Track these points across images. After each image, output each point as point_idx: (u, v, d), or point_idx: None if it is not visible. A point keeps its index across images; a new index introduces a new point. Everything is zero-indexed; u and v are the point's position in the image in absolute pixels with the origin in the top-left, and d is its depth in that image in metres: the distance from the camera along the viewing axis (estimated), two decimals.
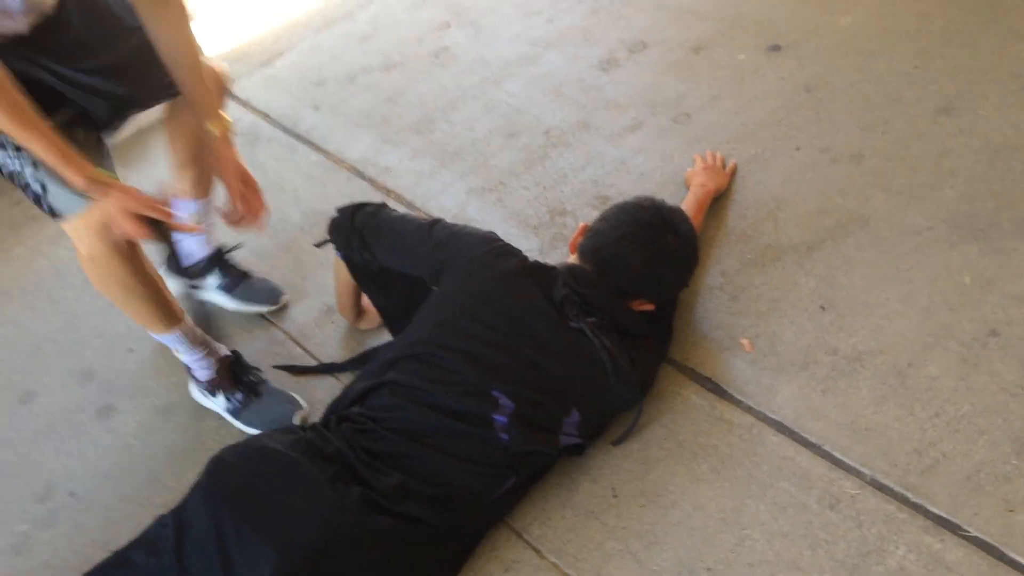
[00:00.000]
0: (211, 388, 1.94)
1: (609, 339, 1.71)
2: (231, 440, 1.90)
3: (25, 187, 1.58)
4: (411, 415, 1.65)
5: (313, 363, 2.09)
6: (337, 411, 1.74)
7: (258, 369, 2.00)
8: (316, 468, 1.56)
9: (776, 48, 2.72)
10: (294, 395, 1.96)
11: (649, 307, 1.84)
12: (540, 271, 1.78)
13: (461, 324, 1.71)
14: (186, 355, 1.92)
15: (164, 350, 2.16)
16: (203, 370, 1.94)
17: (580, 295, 1.73)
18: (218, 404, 1.95)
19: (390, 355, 1.76)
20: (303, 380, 2.04)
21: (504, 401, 1.65)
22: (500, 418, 1.64)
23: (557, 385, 1.69)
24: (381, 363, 1.77)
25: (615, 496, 1.70)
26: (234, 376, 1.94)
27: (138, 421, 2.03)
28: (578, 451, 1.75)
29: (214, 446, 1.89)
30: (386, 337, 2.06)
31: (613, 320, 1.75)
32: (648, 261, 1.79)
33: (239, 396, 1.93)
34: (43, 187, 1.57)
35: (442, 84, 2.94)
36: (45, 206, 1.59)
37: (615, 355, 1.70)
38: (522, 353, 1.68)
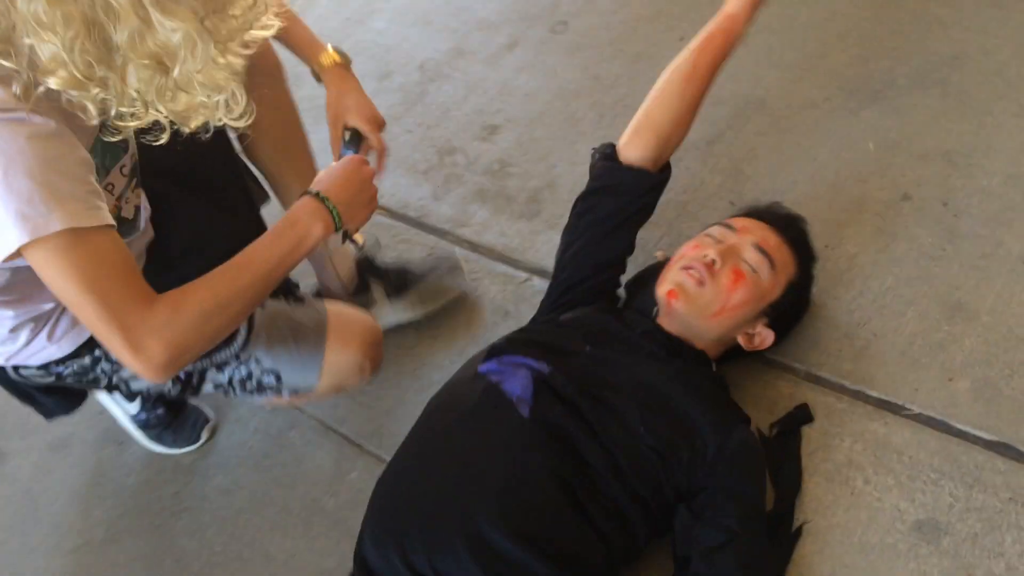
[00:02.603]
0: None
1: None
2: (137, 467, 1.78)
3: (258, 388, 1.47)
4: None
5: None
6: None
7: None
8: None
9: None
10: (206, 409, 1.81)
11: None
12: None
13: None
14: None
15: None
16: None
17: None
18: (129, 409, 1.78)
19: None
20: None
21: None
22: None
23: None
24: None
25: None
26: None
27: (33, 463, 1.87)
28: None
29: (116, 476, 1.76)
30: None
31: None
32: None
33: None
34: (277, 376, 1.46)
35: None
36: (287, 392, 1.50)
37: None
38: None
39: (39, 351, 1.34)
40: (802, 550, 1.35)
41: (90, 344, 1.36)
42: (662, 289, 1.45)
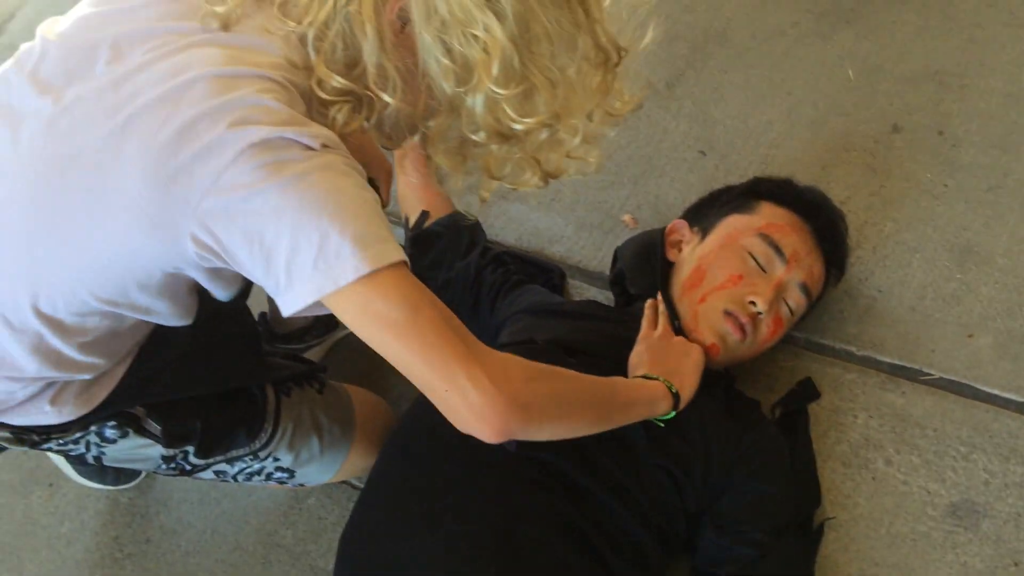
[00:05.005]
0: None
1: None
2: (71, 512, 1.58)
3: (265, 480, 1.38)
4: None
5: None
6: None
7: None
8: None
9: None
10: None
11: None
12: None
13: None
14: None
15: None
16: None
17: None
18: None
19: None
20: None
21: None
22: None
23: None
24: None
25: None
26: None
27: None
28: None
29: (49, 523, 1.59)
30: None
31: None
32: None
33: None
34: (291, 474, 1.36)
35: None
36: (292, 485, 1.42)
37: None
38: None
39: (34, 412, 1.16)
40: (824, 549, 1.20)
41: (85, 421, 1.20)
42: (703, 337, 1.25)
